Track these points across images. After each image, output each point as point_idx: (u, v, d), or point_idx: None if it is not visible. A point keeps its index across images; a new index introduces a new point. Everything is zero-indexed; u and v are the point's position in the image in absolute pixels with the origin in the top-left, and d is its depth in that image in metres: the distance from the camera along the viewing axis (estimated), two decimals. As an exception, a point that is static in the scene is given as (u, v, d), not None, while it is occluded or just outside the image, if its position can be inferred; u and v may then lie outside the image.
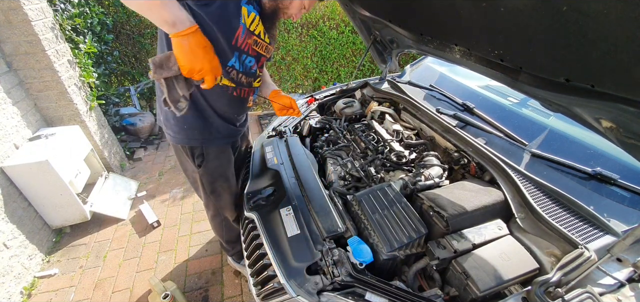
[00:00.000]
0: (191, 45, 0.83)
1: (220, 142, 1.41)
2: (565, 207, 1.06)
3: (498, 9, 0.75)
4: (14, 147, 2.00)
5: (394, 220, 1.07)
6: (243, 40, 1.13)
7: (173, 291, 1.74)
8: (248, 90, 1.34)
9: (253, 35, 1.16)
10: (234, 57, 1.16)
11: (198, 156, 1.40)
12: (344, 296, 0.87)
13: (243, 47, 1.15)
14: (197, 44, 0.85)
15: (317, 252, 0.99)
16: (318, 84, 4.38)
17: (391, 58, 1.97)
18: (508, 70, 0.97)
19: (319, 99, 2.08)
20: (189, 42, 0.83)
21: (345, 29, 4.02)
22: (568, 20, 0.62)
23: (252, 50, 1.21)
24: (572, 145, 1.31)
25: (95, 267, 2.06)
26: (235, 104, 1.34)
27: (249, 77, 1.27)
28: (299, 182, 1.29)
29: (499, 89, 1.78)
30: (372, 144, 1.56)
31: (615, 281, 0.85)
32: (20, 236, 1.92)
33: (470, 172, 1.36)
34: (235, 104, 1.34)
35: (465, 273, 0.92)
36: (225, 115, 1.35)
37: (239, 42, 1.13)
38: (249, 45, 1.17)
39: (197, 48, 0.84)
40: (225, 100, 1.29)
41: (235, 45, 1.13)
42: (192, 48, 0.84)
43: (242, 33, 1.11)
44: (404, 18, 1.32)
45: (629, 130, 0.73)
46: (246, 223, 1.22)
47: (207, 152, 1.40)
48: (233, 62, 1.17)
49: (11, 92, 2.08)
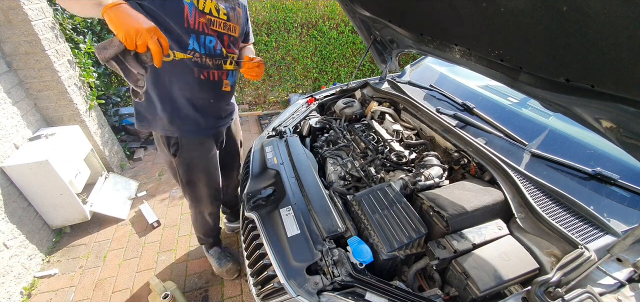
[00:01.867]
0: (119, 14, 0.85)
1: (196, 134, 1.40)
2: (565, 207, 1.06)
3: (498, 9, 0.75)
4: (14, 147, 2.00)
5: (394, 220, 1.07)
6: (195, 20, 1.14)
7: (173, 291, 1.74)
8: (219, 73, 1.32)
9: (205, 15, 1.16)
10: (191, 39, 1.17)
11: (173, 144, 1.40)
12: (344, 296, 0.86)
13: (197, 27, 1.16)
14: (126, 12, 0.86)
15: (317, 252, 0.99)
16: (318, 84, 4.38)
17: (391, 58, 1.97)
18: (508, 70, 0.97)
19: (319, 99, 2.08)
20: (115, 12, 0.85)
21: (345, 29, 4.02)
22: (568, 20, 0.62)
23: (209, 30, 1.20)
24: (572, 145, 1.31)
25: (95, 267, 2.06)
26: (207, 89, 1.32)
27: (214, 58, 1.27)
28: (299, 182, 1.28)
29: (499, 89, 1.77)
30: (372, 144, 1.56)
31: (615, 281, 0.85)
32: (20, 236, 1.92)
33: (470, 172, 1.36)
34: (207, 89, 1.32)
35: (465, 273, 0.92)
36: (199, 104, 1.33)
37: (192, 23, 1.14)
38: (203, 25, 1.17)
39: (126, 15, 0.85)
40: (194, 85, 1.27)
41: (188, 27, 1.14)
42: (122, 15, 0.85)
43: (191, 13, 1.12)
44: (404, 18, 1.32)
45: (629, 130, 0.73)
46: (246, 223, 1.22)
47: (182, 142, 1.40)
48: (192, 44, 1.18)
49: (11, 92, 2.08)
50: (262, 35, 3.75)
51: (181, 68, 1.23)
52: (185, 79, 1.26)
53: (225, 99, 1.45)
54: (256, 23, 3.66)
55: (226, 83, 1.39)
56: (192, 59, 1.21)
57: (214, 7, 1.19)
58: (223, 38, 1.28)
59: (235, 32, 1.33)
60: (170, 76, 1.24)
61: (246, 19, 1.45)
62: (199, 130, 1.40)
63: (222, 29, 1.25)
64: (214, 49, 1.25)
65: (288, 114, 1.92)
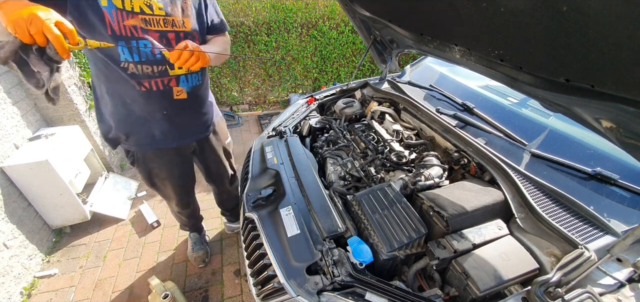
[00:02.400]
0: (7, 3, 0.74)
1: (151, 147, 1.28)
2: (565, 207, 1.06)
3: (498, 9, 0.75)
4: (14, 147, 2.00)
5: (394, 220, 1.07)
6: (118, 24, 0.98)
7: (173, 291, 1.74)
8: (164, 81, 1.15)
9: (134, 15, 1.00)
10: (119, 47, 1.01)
11: (130, 155, 1.33)
12: (344, 296, 0.86)
13: (124, 32, 0.99)
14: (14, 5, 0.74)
15: (317, 252, 0.99)
16: (318, 84, 4.37)
17: (391, 58, 1.97)
18: (508, 70, 0.97)
19: (319, 99, 2.08)
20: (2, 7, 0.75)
21: (345, 29, 4.02)
22: (568, 20, 0.62)
23: (141, 33, 1.03)
24: (572, 145, 1.31)
25: (95, 267, 2.06)
26: (154, 102, 1.17)
27: (153, 64, 1.09)
28: (299, 182, 1.28)
29: (499, 89, 1.77)
30: (372, 144, 1.56)
31: (615, 281, 0.85)
32: (20, 236, 1.92)
33: (470, 172, 1.36)
34: (154, 102, 1.17)
35: (465, 273, 0.92)
36: (151, 117, 1.20)
37: (116, 29, 0.98)
38: (131, 28, 1.00)
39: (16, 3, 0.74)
40: (138, 98, 1.13)
41: (114, 34, 0.98)
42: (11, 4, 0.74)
43: (113, 17, 0.96)
44: (404, 18, 1.32)
45: (629, 130, 0.73)
46: (246, 223, 1.22)
47: (137, 156, 1.32)
48: (122, 54, 1.03)
49: (11, 92, 2.08)
50: (262, 35, 3.75)
51: (121, 82, 1.10)
52: (129, 93, 1.12)
53: (185, 109, 1.28)
54: (256, 23, 3.66)
55: (178, 90, 1.20)
56: (128, 71, 1.06)
57: (145, 3, 1.01)
58: (168, 37, 1.10)
59: (185, 27, 1.14)
60: (115, 91, 1.13)
61: (205, 6, 1.25)
62: (154, 143, 1.28)
63: (163, 27, 1.07)
64: (153, 53, 1.08)
65: (288, 114, 1.92)
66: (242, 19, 3.61)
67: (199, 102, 1.34)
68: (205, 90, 1.39)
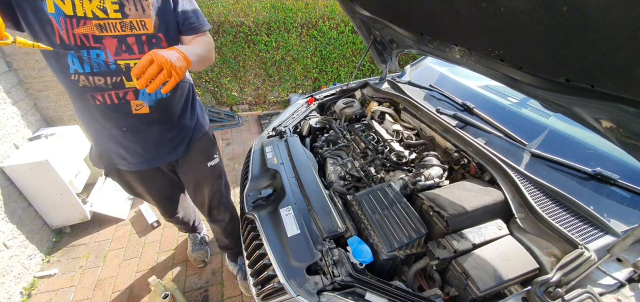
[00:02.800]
0: None
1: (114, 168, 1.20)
2: (565, 207, 1.06)
3: (498, 9, 0.75)
4: (14, 147, 2.00)
5: (394, 220, 1.07)
6: (67, 33, 0.88)
7: (173, 291, 1.74)
8: (120, 94, 1.01)
9: (87, 21, 0.89)
10: (69, 58, 0.92)
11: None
12: (344, 296, 0.86)
13: (74, 41, 0.90)
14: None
15: (317, 252, 0.99)
16: (318, 84, 4.37)
17: (391, 58, 1.97)
18: (508, 70, 0.97)
19: (319, 99, 2.08)
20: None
21: (345, 29, 4.02)
22: (568, 20, 0.62)
23: (92, 41, 0.92)
24: (572, 145, 1.31)
25: (95, 267, 2.06)
26: (110, 117, 1.04)
27: (107, 75, 0.97)
28: (299, 182, 1.28)
29: (499, 89, 1.77)
30: (372, 144, 1.56)
31: (615, 281, 0.85)
32: (20, 235, 1.92)
33: (470, 172, 1.36)
34: (110, 117, 1.04)
35: (465, 273, 0.92)
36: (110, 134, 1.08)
37: (65, 38, 0.89)
38: (81, 36, 0.90)
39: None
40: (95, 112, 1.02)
41: (63, 43, 0.89)
42: None
43: (61, 25, 0.87)
44: (404, 18, 1.32)
45: (629, 130, 0.73)
46: (246, 223, 1.22)
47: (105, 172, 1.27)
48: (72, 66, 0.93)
49: (11, 92, 2.08)
50: (262, 35, 3.75)
51: (76, 95, 1.01)
52: (85, 107, 1.02)
53: (150, 124, 1.11)
54: (256, 23, 3.66)
55: (137, 104, 1.04)
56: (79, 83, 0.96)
57: (98, 7, 0.89)
58: (128, 42, 0.96)
59: (147, 28, 0.98)
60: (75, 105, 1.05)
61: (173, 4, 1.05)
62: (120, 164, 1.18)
63: (120, 31, 0.94)
64: (106, 63, 0.95)
65: (288, 114, 1.92)
66: (242, 19, 3.61)
67: (167, 116, 1.15)
68: (178, 102, 1.19)
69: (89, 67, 0.95)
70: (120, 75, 0.98)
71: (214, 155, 1.46)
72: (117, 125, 1.06)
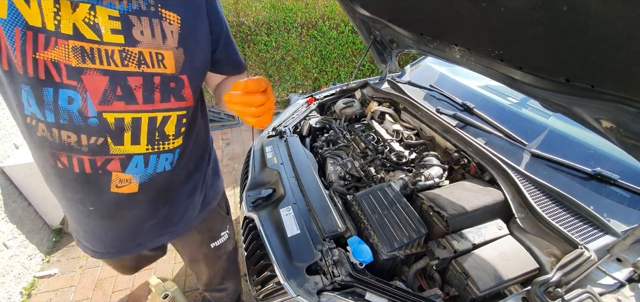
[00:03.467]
0: None
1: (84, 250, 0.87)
2: (565, 207, 1.06)
3: (498, 8, 0.75)
4: (14, 147, 2.00)
5: (394, 220, 1.07)
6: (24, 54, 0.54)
7: (173, 291, 1.74)
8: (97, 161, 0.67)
9: (62, 41, 0.54)
10: (23, 93, 0.57)
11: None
12: (344, 296, 0.86)
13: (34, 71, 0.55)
14: None
15: (317, 252, 0.99)
16: (318, 84, 4.37)
17: (391, 58, 1.97)
18: (508, 70, 0.97)
19: (319, 99, 2.08)
20: None
21: (345, 29, 4.02)
22: (568, 20, 0.62)
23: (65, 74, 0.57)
24: (572, 145, 1.31)
25: (95, 267, 2.06)
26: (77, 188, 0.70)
27: (83, 132, 0.63)
28: (299, 182, 1.28)
29: (499, 89, 1.77)
30: (372, 144, 1.56)
31: (615, 281, 0.85)
32: (20, 235, 1.92)
33: (470, 172, 1.36)
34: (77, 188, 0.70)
35: (465, 273, 0.92)
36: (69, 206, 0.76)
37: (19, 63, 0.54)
38: (47, 63, 0.55)
39: None
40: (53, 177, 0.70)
41: (11, 71, 0.55)
42: None
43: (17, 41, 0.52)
44: (404, 18, 1.32)
45: (629, 130, 0.73)
46: (246, 223, 1.22)
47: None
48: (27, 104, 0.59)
49: (11, 92, 2.08)
50: (262, 35, 3.75)
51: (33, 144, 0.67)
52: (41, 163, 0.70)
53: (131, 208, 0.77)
54: (256, 23, 3.66)
55: (123, 179, 0.70)
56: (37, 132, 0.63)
57: (85, 21, 0.55)
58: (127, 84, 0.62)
59: (165, 66, 0.65)
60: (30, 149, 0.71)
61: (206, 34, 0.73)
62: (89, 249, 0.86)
63: (119, 65, 0.60)
64: (82, 113, 0.61)
65: (288, 114, 1.92)
66: (242, 19, 3.61)
67: (162, 194, 0.80)
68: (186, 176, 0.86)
69: (52, 116, 0.59)
70: (104, 135, 0.64)
71: (222, 232, 1.13)
72: (81, 201, 0.72)
